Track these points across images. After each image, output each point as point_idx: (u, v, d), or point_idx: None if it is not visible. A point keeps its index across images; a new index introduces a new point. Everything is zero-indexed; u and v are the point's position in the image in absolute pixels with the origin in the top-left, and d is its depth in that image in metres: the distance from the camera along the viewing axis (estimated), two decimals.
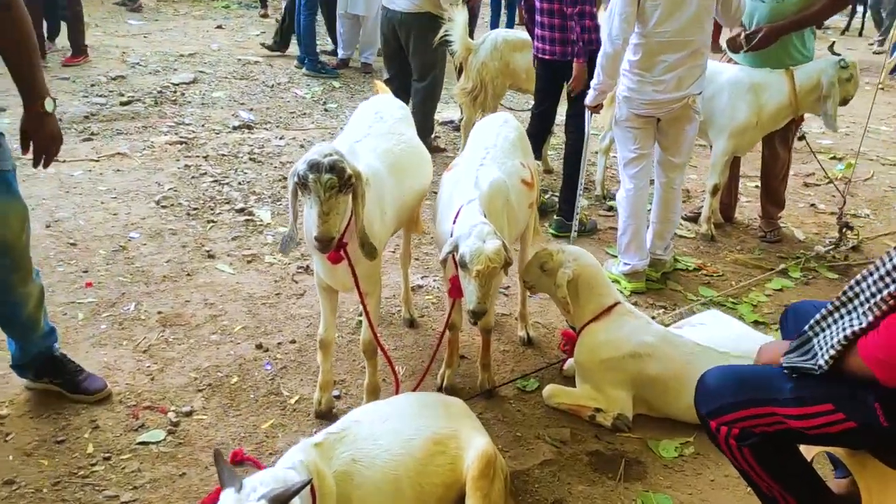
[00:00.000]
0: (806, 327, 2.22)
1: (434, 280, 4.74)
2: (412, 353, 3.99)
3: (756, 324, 4.47)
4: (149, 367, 3.72)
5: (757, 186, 6.65)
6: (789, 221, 6.05)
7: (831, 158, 7.71)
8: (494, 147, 3.46)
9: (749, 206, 6.33)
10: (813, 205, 6.51)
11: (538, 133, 5.53)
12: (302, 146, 7.09)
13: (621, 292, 4.65)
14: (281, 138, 7.26)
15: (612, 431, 3.45)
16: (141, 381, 3.61)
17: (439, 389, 3.67)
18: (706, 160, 5.76)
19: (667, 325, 4.01)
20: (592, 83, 4.48)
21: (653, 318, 4.32)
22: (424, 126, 6.89)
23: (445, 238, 3.21)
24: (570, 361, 3.77)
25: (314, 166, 2.60)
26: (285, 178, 6.21)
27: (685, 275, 5.07)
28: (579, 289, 3.56)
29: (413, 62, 6.66)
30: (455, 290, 3.07)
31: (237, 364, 3.79)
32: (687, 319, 3.95)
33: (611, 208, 6.07)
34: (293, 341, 4.00)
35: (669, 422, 3.52)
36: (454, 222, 3.09)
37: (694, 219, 5.93)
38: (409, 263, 4.19)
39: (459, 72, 6.80)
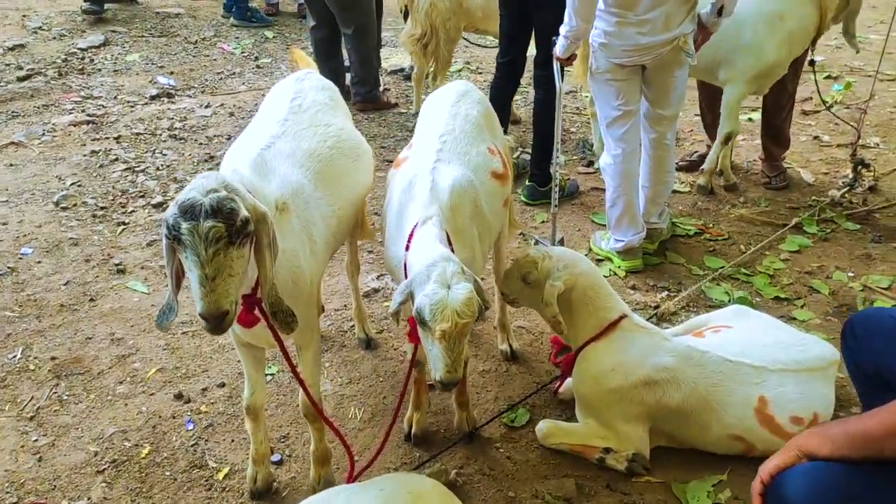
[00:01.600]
0: None
1: (391, 279, 3.93)
2: (371, 386, 3.22)
3: (777, 300, 3.77)
4: (36, 441, 2.92)
5: (751, 120, 5.90)
6: (793, 160, 5.31)
7: (825, 78, 6.93)
8: (452, 133, 2.63)
9: (745, 146, 5.57)
10: (816, 137, 5.77)
11: (505, 89, 4.65)
12: (232, 114, 6.15)
13: (615, 272, 3.92)
14: (207, 106, 6.30)
15: (626, 476, 2.74)
16: (25, 463, 2.82)
17: (407, 438, 2.92)
18: (692, 91, 4.93)
19: (679, 327, 3.29)
20: (562, 29, 3.60)
21: (656, 307, 3.61)
22: (366, 78, 6.00)
23: (397, 265, 2.41)
24: (569, 381, 3.03)
25: (188, 211, 1.77)
26: (212, 159, 5.31)
27: (685, 242, 4.33)
28: (574, 303, 2.80)
29: (331, 6, 5.70)
30: (414, 335, 2.28)
31: (150, 426, 3.00)
32: (707, 317, 3.21)
33: (590, 163, 5.27)
34: (222, 384, 3.21)
35: (694, 454, 2.82)
36: (407, 248, 2.29)
37: (688, 167, 5.16)
38: (358, 273, 3.39)
39: (405, 15, 5.86)
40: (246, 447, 2.83)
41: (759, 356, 2.76)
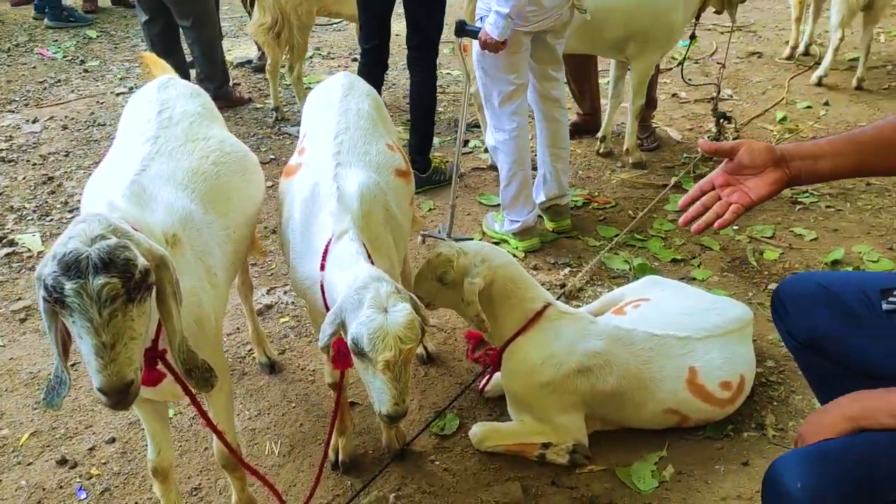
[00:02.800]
0: None
1: (285, 293, 3.64)
2: (284, 415, 2.95)
3: (675, 262, 3.81)
4: None
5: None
6: (658, 120, 5.42)
7: None
8: (346, 132, 2.38)
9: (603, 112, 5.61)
10: (675, 94, 5.93)
11: (373, 75, 4.39)
12: (65, 127, 5.53)
13: (513, 255, 3.80)
14: (34, 121, 5.62)
15: (570, 469, 2.65)
16: None
17: (335, 466, 2.68)
18: None
19: (595, 305, 3.23)
20: (497, 5, 3.29)
21: (562, 285, 3.54)
22: (213, 74, 5.54)
23: (310, 286, 2.16)
24: (495, 377, 2.90)
25: (71, 266, 1.44)
26: (51, 180, 4.74)
27: (575, 214, 4.29)
28: (495, 298, 2.65)
29: None
30: (340, 361, 2.03)
31: (34, 502, 2.59)
32: (621, 292, 3.16)
33: (466, 142, 5.14)
34: (112, 440, 2.83)
35: (629, 433, 2.77)
36: (322, 266, 2.04)
37: None
38: (252, 292, 3.08)
39: (250, 3, 5.44)
40: None
41: (682, 326, 2.74)
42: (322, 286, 2.05)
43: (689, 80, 5.68)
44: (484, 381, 2.96)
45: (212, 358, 1.96)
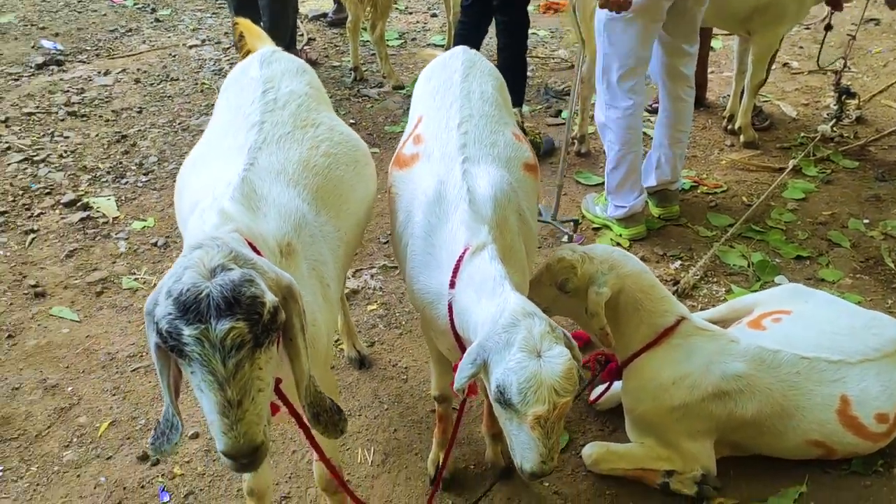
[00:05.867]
0: None
1: (372, 276, 3.39)
2: (377, 418, 2.72)
3: (799, 259, 3.44)
4: None
5: (713, 49, 5.51)
6: (769, 93, 4.97)
7: None
8: (471, 119, 2.07)
9: (715, 79, 5.18)
10: (786, 64, 5.43)
11: (472, 37, 4.03)
12: (137, 81, 5.32)
13: (617, 243, 3.49)
14: (106, 73, 5.43)
15: (697, 501, 2.37)
16: None
17: (433, 481, 2.45)
18: None
19: (718, 311, 2.90)
20: None
21: (675, 282, 3.22)
22: (280, 38, 5.12)
23: (432, 301, 1.88)
24: (615, 388, 2.62)
25: (189, 308, 1.20)
26: (125, 139, 4.55)
27: (682, 198, 3.93)
28: (622, 309, 2.36)
29: None
30: (468, 390, 1.76)
31: (114, 502, 2.42)
32: (754, 299, 2.82)
33: (559, 112, 4.78)
34: (195, 435, 2.64)
35: (763, 462, 2.48)
36: (452, 284, 1.76)
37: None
38: (344, 282, 2.83)
39: None
40: None
41: (833, 347, 2.41)
42: (450, 305, 1.78)
43: (801, 46, 5.21)
44: (598, 393, 2.68)
45: (322, 379, 1.72)
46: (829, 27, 4.32)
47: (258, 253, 1.48)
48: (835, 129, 4.42)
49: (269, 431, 1.33)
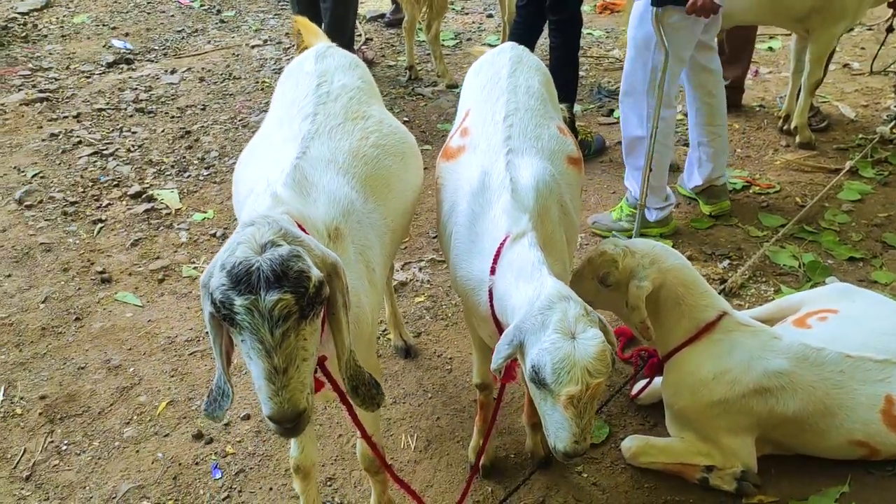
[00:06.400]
0: None
1: (420, 269, 3.48)
2: (420, 406, 2.79)
3: (852, 261, 3.39)
4: None
5: (771, 49, 5.44)
6: (827, 93, 4.89)
7: None
8: (517, 112, 2.13)
9: (772, 79, 5.12)
10: (846, 65, 5.33)
11: (526, 36, 4.08)
12: (202, 79, 5.52)
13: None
14: (172, 72, 5.65)
15: (736, 497, 2.37)
16: None
17: (474, 469, 2.50)
18: None
19: (765, 310, 2.89)
20: None
21: (723, 281, 3.21)
22: (343, 32, 5.24)
23: (474, 287, 1.95)
24: (656, 383, 2.64)
25: (242, 279, 1.29)
26: (188, 134, 4.73)
27: (733, 198, 3.91)
28: (663, 303, 2.38)
29: None
30: (506, 374, 1.82)
31: (170, 477, 2.55)
32: (800, 297, 2.81)
33: (611, 111, 4.79)
34: (247, 416, 2.76)
35: (805, 461, 2.46)
36: (492, 270, 1.83)
37: None
38: (392, 273, 2.92)
39: None
40: (288, 496, 2.42)
41: (880, 347, 2.38)
42: (490, 292, 1.84)
43: (863, 47, 5.10)
44: (639, 388, 2.70)
45: (366, 359, 1.81)
46: (890, 29, 4.23)
47: (302, 229, 1.57)
48: (894, 130, 4.33)
49: (312, 400, 1.41)
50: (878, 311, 2.58)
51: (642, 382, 2.71)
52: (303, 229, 1.58)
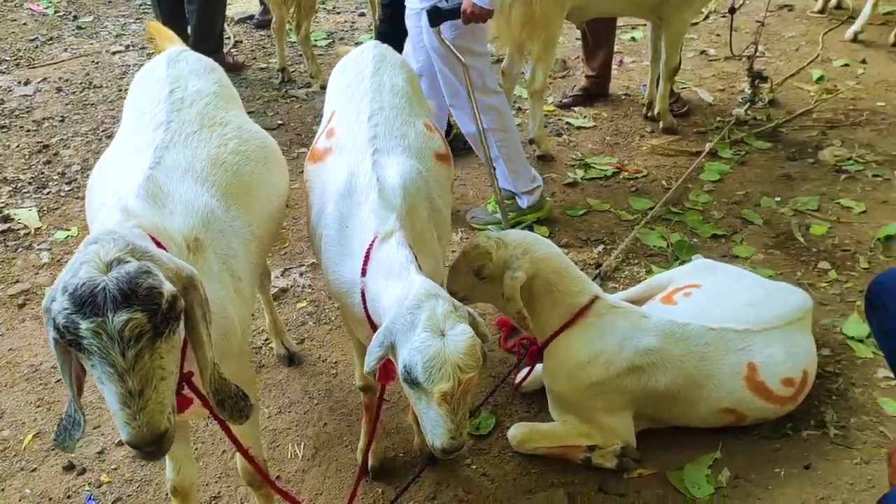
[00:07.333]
0: None
1: (301, 274, 3.41)
2: (307, 413, 2.74)
3: (715, 238, 3.57)
4: None
5: (633, 39, 5.66)
6: (687, 80, 5.12)
7: None
8: (382, 112, 2.12)
9: (636, 69, 5.32)
10: (703, 52, 5.60)
11: (393, 37, 4.05)
12: (59, 90, 5.22)
13: (530, 227, 3.55)
14: (26, 83, 5.32)
15: (618, 473, 2.45)
16: None
17: (361, 472, 2.47)
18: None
19: (637, 290, 3.00)
20: None
21: (598, 265, 3.31)
22: (207, 41, 5.09)
23: (347, 290, 1.92)
24: (538, 370, 2.68)
25: (85, 302, 1.22)
26: (46, 149, 4.47)
27: (605, 184, 4.04)
28: (537, 292, 2.43)
29: None
30: (383, 375, 1.80)
31: None
32: (668, 276, 2.93)
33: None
34: (121, 443, 2.63)
35: (679, 432, 2.58)
36: (363, 272, 1.81)
37: (573, 103, 4.83)
38: (269, 280, 2.85)
39: None
40: None
41: (739, 317, 2.52)
42: (363, 293, 1.82)
43: (718, 34, 5.38)
44: (521, 375, 2.75)
45: (238, 372, 1.76)
46: (732, 9, 4.49)
47: (163, 248, 1.50)
48: (749, 112, 4.59)
49: (174, 419, 1.36)
50: (736, 284, 2.73)
51: (525, 370, 2.77)
52: (159, 243, 1.51)
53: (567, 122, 4.66)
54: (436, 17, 3.12)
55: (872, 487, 2.34)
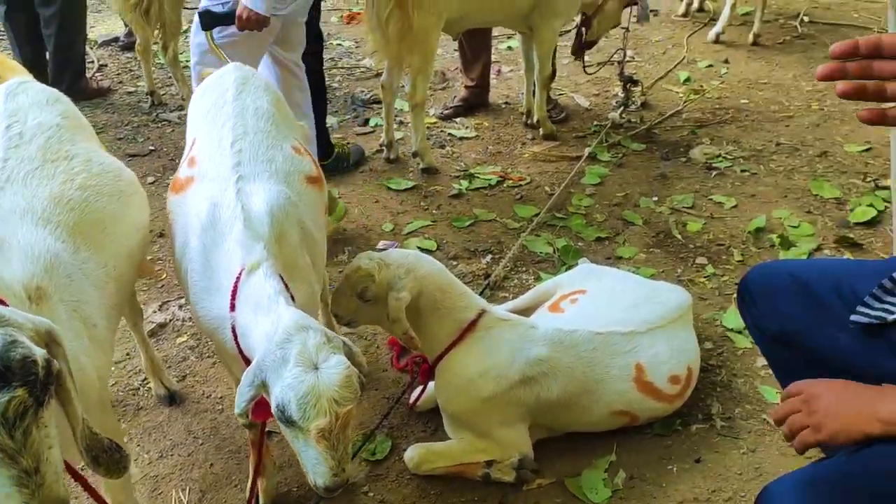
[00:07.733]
0: None
1: (180, 307, 3.24)
2: (191, 455, 2.59)
3: (599, 241, 3.63)
4: None
5: (510, 49, 5.74)
6: (563, 86, 5.23)
7: None
8: (245, 137, 2.02)
9: (514, 77, 5.39)
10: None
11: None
12: None
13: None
14: None
15: (518, 486, 2.44)
16: None
17: None
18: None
19: (525, 299, 3.01)
20: None
21: (487, 276, 3.31)
22: (68, 66, 4.84)
23: (217, 326, 1.82)
24: (427, 391, 2.64)
25: None
26: None
27: (490, 194, 4.06)
28: (424, 311, 2.38)
29: None
30: (260, 412, 1.71)
31: None
32: (555, 283, 2.94)
33: (367, 121, 4.81)
34: None
35: (576, 438, 2.59)
36: (232, 307, 1.71)
37: (454, 114, 4.86)
38: (141, 318, 2.69)
39: None
40: None
41: (624, 320, 2.55)
42: (234, 329, 1.72)
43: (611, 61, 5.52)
44: (415, 395, 2.69)
45: (101, 423, 1.63)
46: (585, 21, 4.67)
47: (2, 303, 1.37)
48: (623, 115, 4.73)
49: (65, 483, 1.24)
50: (621, 287, 2.77)
51: (419, 389, 2.71)
52: None
53: (449, 134, 4.67)
54: (209, 20, 3.00)
55: (759, 476, 2.41)
